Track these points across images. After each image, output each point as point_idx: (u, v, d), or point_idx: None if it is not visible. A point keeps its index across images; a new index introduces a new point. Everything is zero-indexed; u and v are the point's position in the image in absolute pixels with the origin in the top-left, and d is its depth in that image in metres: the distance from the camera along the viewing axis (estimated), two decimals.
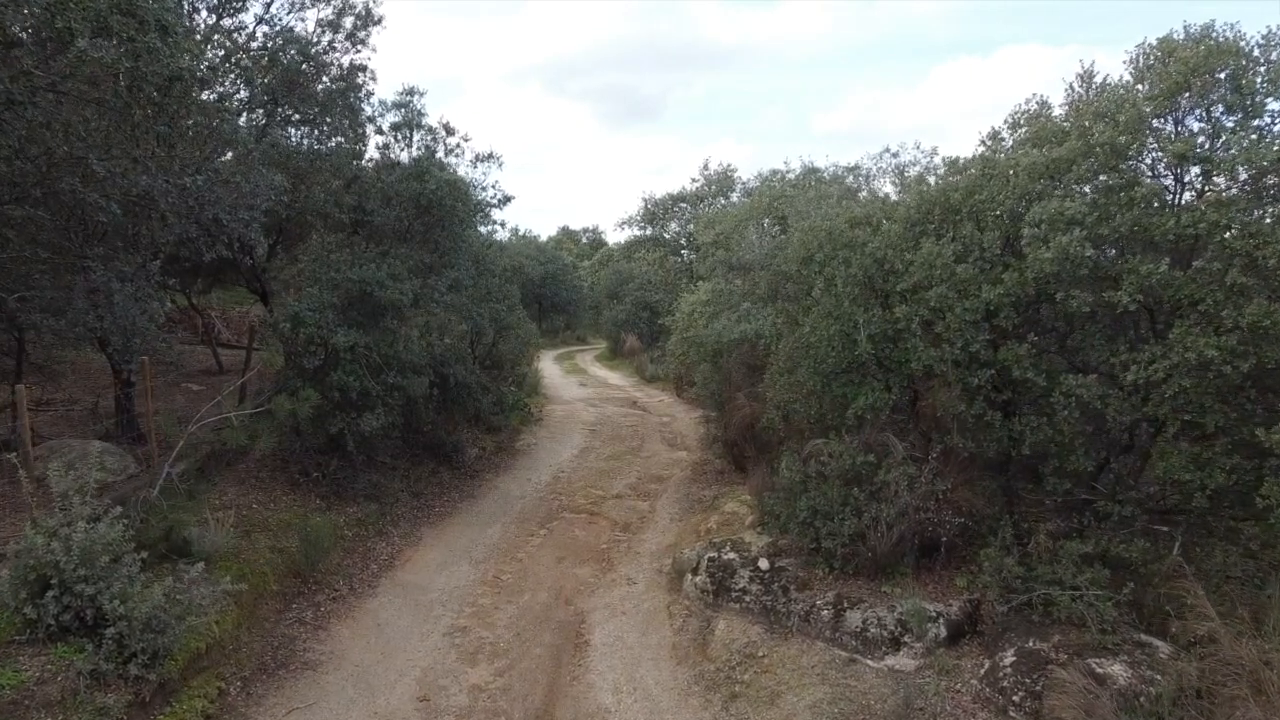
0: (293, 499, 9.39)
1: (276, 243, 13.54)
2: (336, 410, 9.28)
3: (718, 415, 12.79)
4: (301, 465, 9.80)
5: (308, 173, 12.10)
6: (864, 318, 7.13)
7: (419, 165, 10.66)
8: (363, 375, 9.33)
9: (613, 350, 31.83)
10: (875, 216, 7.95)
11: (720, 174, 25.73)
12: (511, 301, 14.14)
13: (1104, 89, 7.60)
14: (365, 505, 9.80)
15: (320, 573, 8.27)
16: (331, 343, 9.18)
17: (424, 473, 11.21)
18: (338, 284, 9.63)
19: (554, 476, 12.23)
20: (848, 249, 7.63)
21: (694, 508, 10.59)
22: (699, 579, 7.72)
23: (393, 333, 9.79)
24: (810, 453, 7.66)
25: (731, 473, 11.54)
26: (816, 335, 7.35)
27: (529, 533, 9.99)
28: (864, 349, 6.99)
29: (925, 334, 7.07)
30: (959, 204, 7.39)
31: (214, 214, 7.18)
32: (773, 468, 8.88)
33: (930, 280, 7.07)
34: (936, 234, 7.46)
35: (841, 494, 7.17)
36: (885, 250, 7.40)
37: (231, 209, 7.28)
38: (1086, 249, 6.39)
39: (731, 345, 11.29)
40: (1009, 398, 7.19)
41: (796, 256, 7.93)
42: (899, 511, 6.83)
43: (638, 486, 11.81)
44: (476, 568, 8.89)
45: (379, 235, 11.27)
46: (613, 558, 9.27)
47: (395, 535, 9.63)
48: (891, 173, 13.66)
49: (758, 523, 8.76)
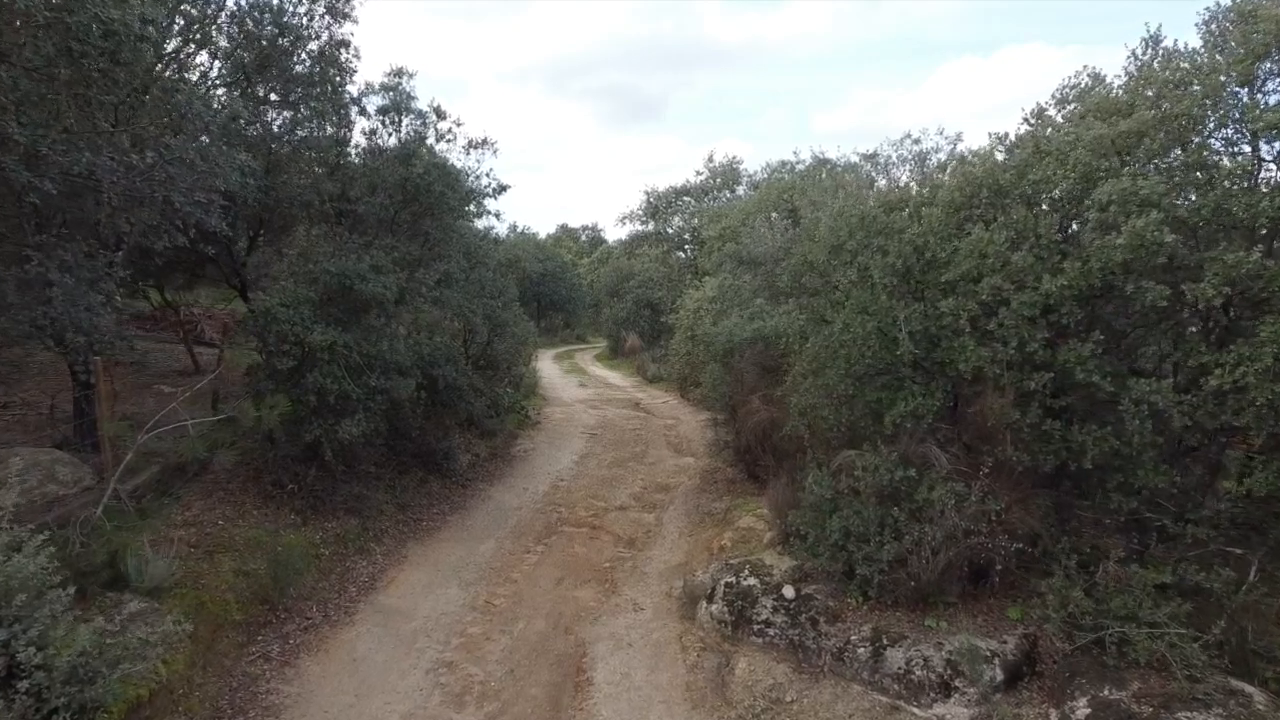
0: (264, 514, 8.53)
1: (257, 235, 12.71)
2: (312, 415, 8.42)
3: (728, 419, 11.94)
4: (276, 476, 8.93)
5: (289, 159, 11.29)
6: (905, 313, 6.28)
7: (405, 148, 9.80)
8: (342, 377, 8.47)
9: (613, 349, 30.99)
10: (912, 201, 7.10)
11: (725, 166, 24.86)
12: (507, 298, 13.28)
13: (1171, 56, 6.76)
14: (345, 520, 8.95)
15: (291, 598, 7.42)
16: (307, 341, 8.32)
17: (411, 482, 10.35)
18: (315, 277, 8.77)
19: (552, 485, 11.38)
20: (883, 236, 6.78)
21: (704, 521, 9.75)
22: (715, 608, 6.87)
23: (376, 331, 8.94)
24: (840, 466, 6.81)
25: (744, 482, 10.69)
26: (850, 333, 6.50)
27: (525, 549, 9.14)
28: (906, 349, 6.14)
29: (973, 331, 6.23)
30: (1009, 185, 6.54)
31: (165, 196, 6.31)
32: (793, 479, 8.03)
33: (980, 270, 6.23)
34: (984, 219, 6.62)
35: (878, 513, 6.33)
36: (926, 237, 6.55)
37: (187, 191, 6.41)
38: (1165, 234, 5.56)
39: (744, 345, 10.44)
40: (1067, 404, 6.35)
41: (824, 245, 7.08)
42: (946, 535, 5.98)
43: (642, 496, 10.97)
44: (466, 590, 8.04)
45: (363, 225, 10.43)
46: (616, 578, 8.42)
47: (378, 553, 8.77)
48: (912, 161, 12.84)
49: (778, 540, 7.92)
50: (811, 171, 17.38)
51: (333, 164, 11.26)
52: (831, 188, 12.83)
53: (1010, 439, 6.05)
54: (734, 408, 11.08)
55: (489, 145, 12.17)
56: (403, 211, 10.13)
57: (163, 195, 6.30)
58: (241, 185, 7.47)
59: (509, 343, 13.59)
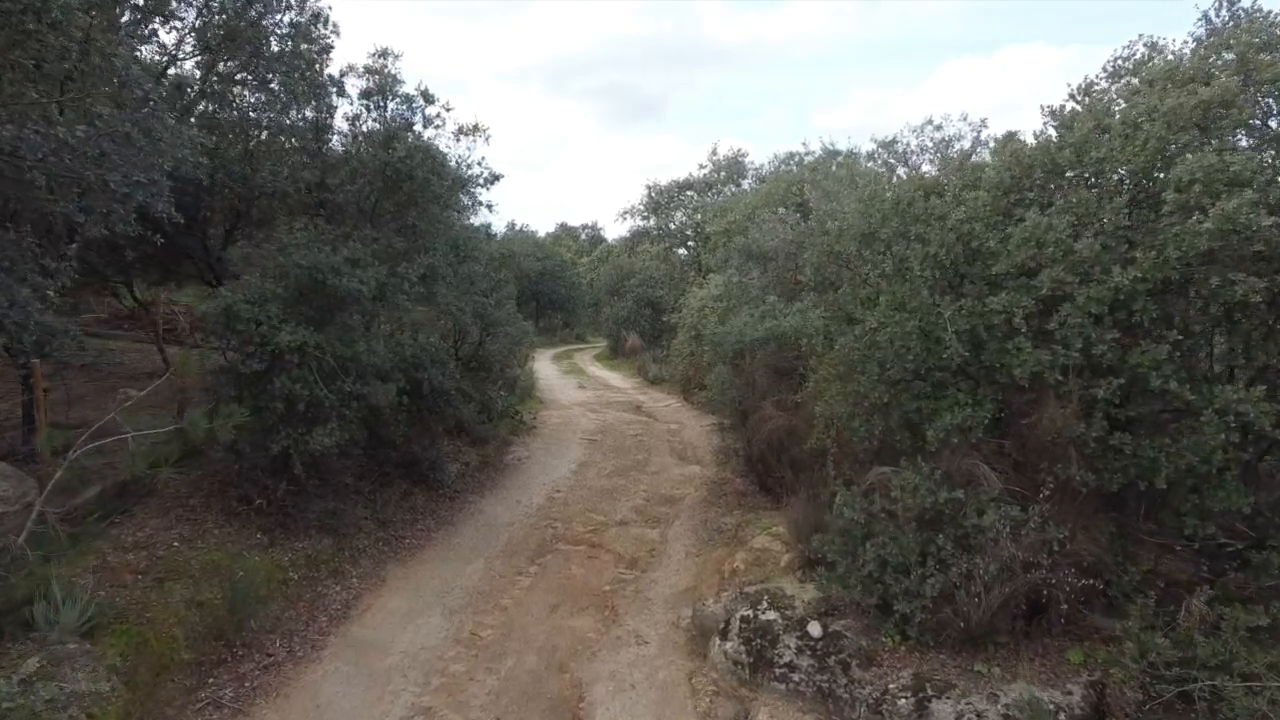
0: (227, 533, 7.70)
1: (234, 227, 11.89)
2: (280, 424, 7.59)
3: (734, 423, 11.12)
4: (242, 490, 8.10)
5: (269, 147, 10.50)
6: (951, 310, 5.45)
7: (386, 129, 8.96)
8: (314, 382, 7.63)
9: (613, 349, 30.16)
10: (951, 185, 6.27)
11: (730, 160, 24.01)
12: (501, 295, 12.43)
13: (1254, 17, 5.93)
14: (318, 539, 8.11)
15: (252, 631, 6.59)
16: (275, 342, 7.48)
17: (394, 495, 9.51)
18: (285, 271, 7.93)
19: (548, 497, 10.55)
20: (921, 223, 5.95)
21: (714, 539, 8.92)
22: (730, 646, 6.04)
23: (353, 331, 8.10)
24: (873, 484, 5.98)
25: (755, 494, 9.87)
26: (886, 333, 5.66)
27: (517, 570, 8.31)
28: (954, 351, 5.30)
29: (1029, 331, 5.41)
30: (1067, 164, 5.71)
31: (100, 176, 5.47)
32: (814, 496, 7.21)
33: (1038, 261, 5.40)
34: (1039, 202, 5.79)
35: (919, 541, 5.50)
36: (971, 224, 5.72)
37: (125, 170, 5.58)
38: (1262, 217, 4.74)
39: (755, 345, 9.61)
40: (1137, 415, 5.53)
41: (854, 233, 6.26)
42: (1001, 567, 5.15)
43: (645, 510, 10.14)
44: (451, 619, 7.21)
45: (342, 215, 9.60)
46: (618, 604, 7.59)
47: (354, 576, 7.94)
48: (932, 150, 12.01)
49: (797, 564, 7.10)
50: (822, 163, 16.55)
51: (312, 150, 10.45)
52: (847, 178, 12.01)
53: (1076, 456, 5.23)
54: (744, 413, 10.27)
55: (480, 132, 11.35)
56: (385, 200, 9.30)
57: (96, 175, 5.45)
58: (195, 166, 6.63)
59: (503, 343, 12.74)
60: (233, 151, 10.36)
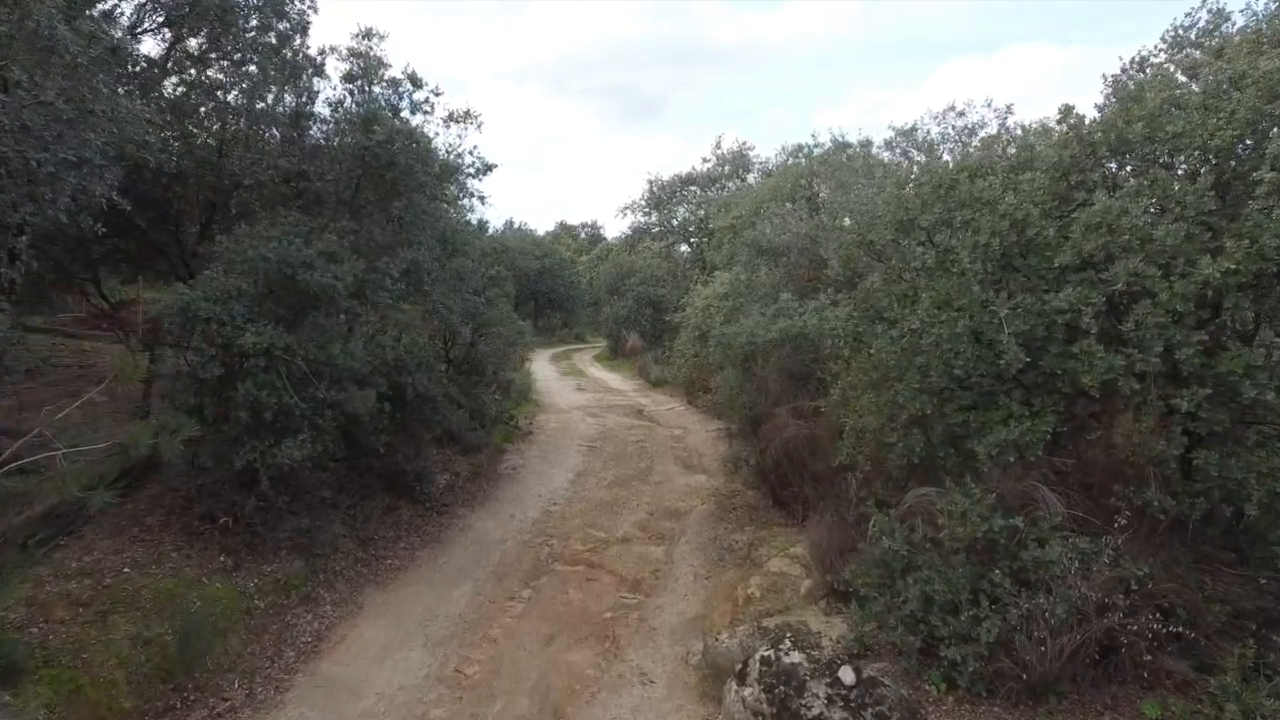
0: (186, 556, 6.95)
1: (210, 221, 11.13)
2: (245, 435, 6.84)
3: (747, 432, 10.37)
4: (206, 507, 7.36)
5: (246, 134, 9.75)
6: (1007, 308, 4.69)
7: (366, 111, 8.21)
8: (282, 388, 6.88)
9: (613, 349, 29.41)
10: (1000, 165, 5.52)
11: (735, 153, 23.22)
12: (494, 293, 11.68)
13: None
14: (289, 560, 7.36)
15: (207, 671, 5.84)
16: (238, 344, 6.73)
17: (376, 510, 8.75)
18: (252, 265, 7.18)
19: (544, 511, 9.79)
20: (968, 209, 5.20)
21: (724, 559, 8.17)
22: (748, 693, 5.28)
23: (327, 331, 7.34)
24: (912, 508, 5.24)
25: (768, 509, 9.12)
26: (931, 335, 4.91)
27: (509, 595, 7.56)
28: (1012, 355, 4.55)
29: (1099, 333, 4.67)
30: (1139, 140, 4.96)
31: (20, 154, 4.72)
32: (840, 516, 6.46)
33: (1109, 251, 4.64)
34: (1106, 184, 5.04)
35: (969, 575, 4.75)
36: (1026, 209, 4.97)
37: (50, 148, 4.82)
38: None
39: (768, 347, 8.86)
40: (1221, 430, 4.78)
41: (890, 220, 5.50)
42: (1070, 609, 4.40)
43: (649, 525, 9.38)
44: (433, 653, 6.46)
45: (320, 206, 8.85)
46: (619, 635, 6.84)
47: (327, 602, 7.19)
48: (954, 138, 11.27)
49: (820, 593, 6.35)
50: (831, 155, 15.79)
51: (290, 138, 9.70)
52: (864, 168, 11.25)
53: (1156, 478, 4.48)
54: (755, 421, 9.51)
55: (472, 119, 10.58)
56: (366, 189, 8.54)
57: (16, 152, 4.70)
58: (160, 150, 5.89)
59: (496, 344, 11.99)
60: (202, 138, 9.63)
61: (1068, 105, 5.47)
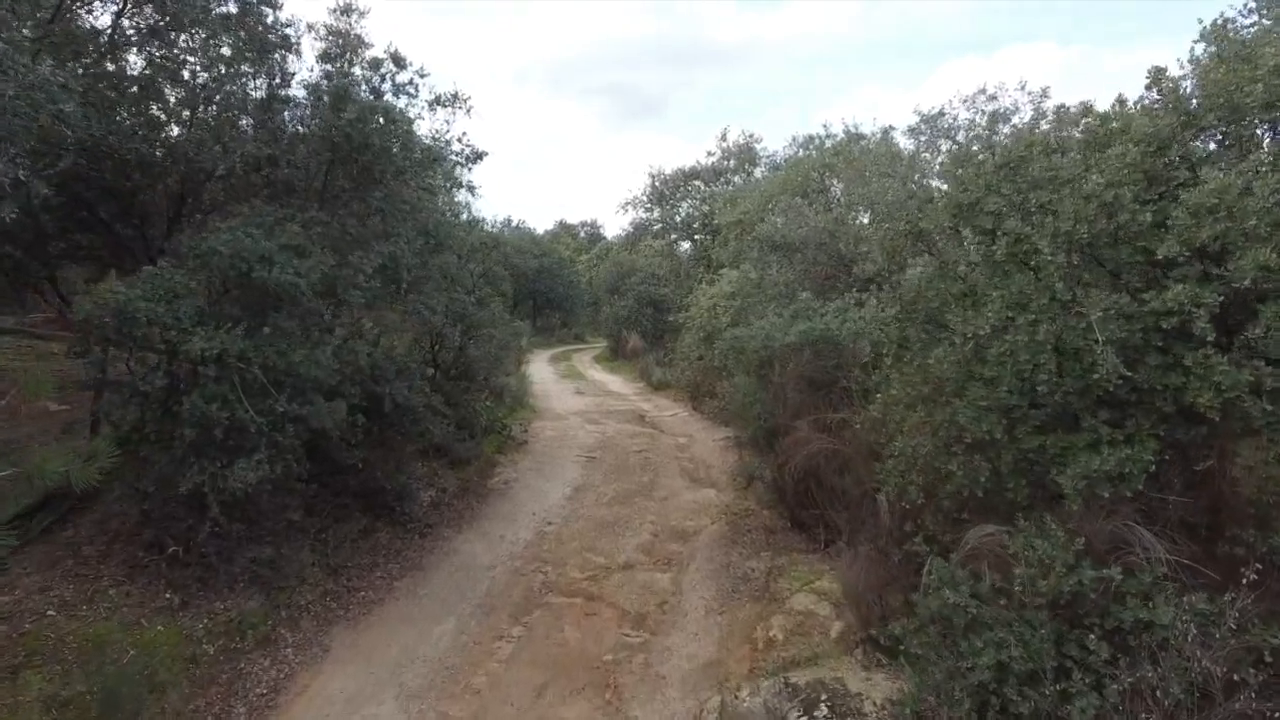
0: (127, 593, 6.08)
1: (179, 213, 10.27)
2: (191, 455, 5.96)
3: (761, 442, 9.50)
4: (154, 535, 6.49)
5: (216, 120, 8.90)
6: (1101, 309, 3.81)
7: (334, 86, 7.32)
8: (235, 401, 6.00)
9: (613, 350, 28.53)
10: (1077, 140, 4.64)
11: (741, 146, 22.29)
12: (486, 292, 10.80)
13: None
14: (246, 595, 6.48)
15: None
16: (184, 351, 5.86)
17: (350, 533, 7.88)
18: (204, 260, 6.30)
19: (538, 532, 8.91)
20: (1043, 190, 4.31)
21: (739, 590, 7.28)
22: None
23: (289, 336, 6.46)
24: (976, 549, 4.35)
25: (787, 531, 8.24)
26: (1004, 343, 4.03)
27: (496, 634, 6.68)
28: (1109, 367, 3.67)
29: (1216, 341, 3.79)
30: (1259, 104, 4.08)
31: None
32: (881, 549, 5.58)
33: (1227, 239, 3.76)
34: (1212, 160, 4.16)
35: (1053, 636, 3.87)
36: (1118, 189, 4.08)
37: None
38: None
39: (787, 351, 7.98)
40: None
41: (946, 205, 4.61)
42: (1188, 686, 3.52)
43: (654, 548, 8.50)
44: (407, 708, 5.58)
45: (289, 194, 7.98)
46: (621, 684, 5.95)
47: (289, 645, 6.30)
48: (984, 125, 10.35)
49: (854, 638, 5.49)
50: (844, 147, 14.91)
51: (261, 121, 8.83)
52: (887, 156, 10.37)
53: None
54: (772, 432, 8.63)
55: (460, 102, 9.72)
56: (338, 176, 7.66)
57: None
58: (56, 116, 5.00)
59: (488, 347, 11.12)
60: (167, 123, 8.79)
61: (1158, 67, 4.59)
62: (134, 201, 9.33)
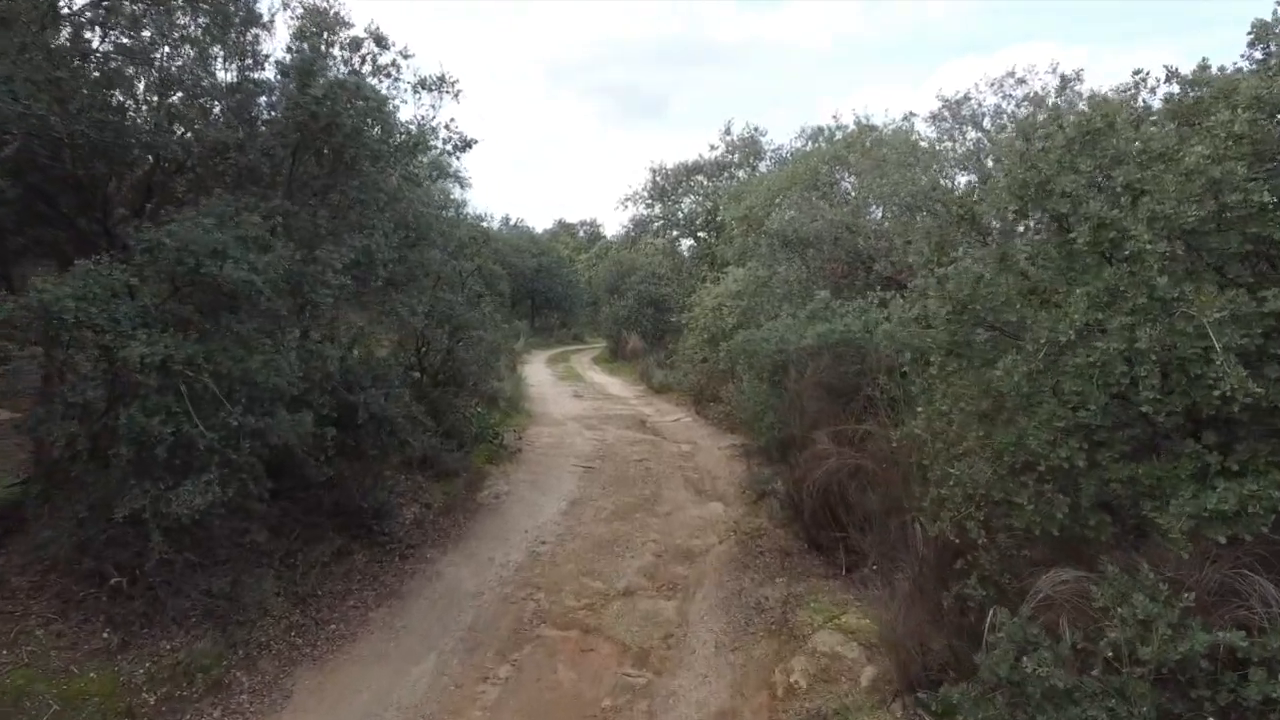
0: (57, 634, 5.34)
1: (144, 205, 9.54)
2: (130, 476, 5.22)
3: (774, 454, 8.77)
4: (93, 564, 5.75)
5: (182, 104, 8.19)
6: (1218, 311, 3.07)
7: (299, 60, 6.59)
8: (180, 414, 5.26)
9: (613, 351, 27.80)
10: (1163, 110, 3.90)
11: (746, 139, 21.51)
12: (477, 291, 10.07)
13: None
14: (197, 633, 5.74)
15: None
16: (120, 357, 5.11)
17: (321, 556, 7.13)
18: (152, 254, 5.56)
19: (530, 553, 8.16)
20: (1133, 165, 3.57)
21: (753, 622, 6.54)
22: None
23: (246, 341, 5.72)
24: (1050, 598, 3.61)
25: (803, 554, 7.50)
26: (1094, 351, 3.29)
27: (481, 674, 5.93)
28: (1235, 381, 2.94)
29: None
30: None
31: None
32: (926, 589, 4.84)
33: None
34: None
35: (1155, 713, 3.13)
36: (1226, 164, 3.34)
37: None
38: None
39: (804, 355, 7.24)
40: None
41: (1010, 186, 3.87)
42: None
43: (657, 571, 7.76)
44: None
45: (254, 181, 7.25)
46: None
47: (244, 691, 5.56)
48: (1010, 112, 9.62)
49: (890, 687, 4.76)
50: (856, 139, 14.17)
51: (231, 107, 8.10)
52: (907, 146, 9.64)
53: None
54: (786, 443, 7.90)
55: (448, 86, 9.02)
56: (304, 160, 6.92)
57: None
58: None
59: (479, 350, 10.38)
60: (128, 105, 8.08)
61: (1263, 20, 3.85)
62: (96, 194, 8.63)
